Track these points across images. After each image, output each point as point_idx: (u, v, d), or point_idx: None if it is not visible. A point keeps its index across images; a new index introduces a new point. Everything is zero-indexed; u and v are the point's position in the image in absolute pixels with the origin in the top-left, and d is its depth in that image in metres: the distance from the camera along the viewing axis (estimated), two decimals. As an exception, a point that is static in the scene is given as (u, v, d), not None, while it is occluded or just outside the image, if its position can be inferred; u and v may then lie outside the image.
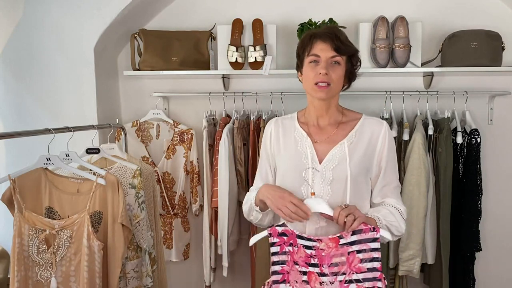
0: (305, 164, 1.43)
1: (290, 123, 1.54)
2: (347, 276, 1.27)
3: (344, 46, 1.41)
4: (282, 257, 1.32)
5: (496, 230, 2.45)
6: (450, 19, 2.39)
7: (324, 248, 1.28)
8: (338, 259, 1.28)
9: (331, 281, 1.28)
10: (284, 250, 1.31)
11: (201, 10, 2.49)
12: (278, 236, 1.32)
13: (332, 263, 1.28)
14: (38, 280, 1.58)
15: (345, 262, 1.28)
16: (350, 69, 1.46)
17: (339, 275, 1.28)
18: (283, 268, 1.31)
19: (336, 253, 1.28)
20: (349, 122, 1.49)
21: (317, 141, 1.47)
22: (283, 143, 1.51)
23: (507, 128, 2.44)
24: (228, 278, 2.41)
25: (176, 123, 2.47)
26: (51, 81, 2.28)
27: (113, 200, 1.61)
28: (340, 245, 1.28)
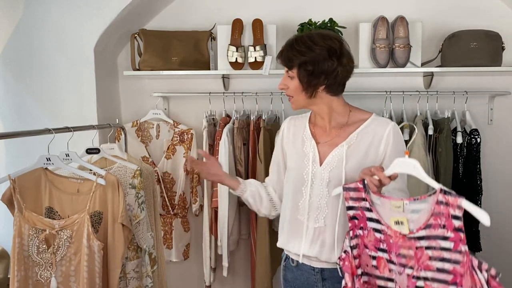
0: (306, 165, 1.47)
1: (301, 122, 1.58)
2: (415, 272, 1.18)
3: (289, 60, 1.43)
4: (354, 241, 1.29)
5: (496, 230, 2.44)
6: (450, 19, 2.39)
7: (392, 235, 1.22)
8: (406, 251, 1.19)
9: (399, 271, 1.22)
10: (355, 234, 1.29)
11: (201, 10, 2.49)
12: (350, 221, 1.30)
13: (400, 253, 1.21)
14: (38, 280, 1.58)
15: (413, 256, 1.18)
16: (302, 78, 1.42)
17: (407, 268, 1.20)
18: (357, 252, 1.28)
19: (404, 245, 1.19)
20: (354, 124, 1.48)
21: (320, 143, 1.49)
22: (293, 143, 1.55)
23: (507, 128, 2.44)
24: (228, 278, 2.41)
25: (176, 123, 2.47)
26: (51, 81, 2.28)
27: (113, 200, 1.61)
28: (407, 237, 1.18)
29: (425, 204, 1.15)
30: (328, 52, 1.39)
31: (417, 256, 1.16)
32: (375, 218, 1.25)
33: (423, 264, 1.16)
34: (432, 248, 1.14)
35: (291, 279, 1.55)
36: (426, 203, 1.15)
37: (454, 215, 1.10)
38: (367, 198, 1.26)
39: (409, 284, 1.19)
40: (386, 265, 1.24)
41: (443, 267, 1.13)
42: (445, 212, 1.11)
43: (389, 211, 1.21)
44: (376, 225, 1.25)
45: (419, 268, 1.16)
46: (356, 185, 1.28)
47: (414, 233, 1.16)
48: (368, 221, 1.27)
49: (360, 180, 1.28)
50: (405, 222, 1.17)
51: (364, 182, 1.27)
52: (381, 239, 1.24)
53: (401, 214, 1.18)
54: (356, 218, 1.29)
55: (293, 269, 1.53)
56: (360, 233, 1.29)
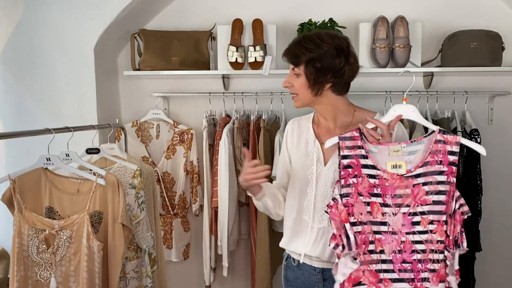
0: (310, 166, 1.47)
1: (305, 123, 1.57)
2: (411, 209, 1.24)
3: (297, 57, 1.42)
4: (346, 190, 1.28)
5: (496, 230, 2.45)
6: (450, 19, 2.39)
7: (388, 178, 1.25)
8: (402, 191, 1.24)
9: (394, 212, 1.25)
10: (348, 183, 1.28)
11: (201, 10, 2.49)
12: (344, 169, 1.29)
13: (395, 194, 1.25)
14: (37, 280, 1.58)
15: (410, 194, 1.24)
16: (309, 76, 1.42)
17: (402, 207, 1.25)
18: (347, 201, 1.28)
19: (400, 185, 1.24)
20: (358, 124, 1.47)
21: (324, 143, 1.47)
22: (297, 144, 1.55)
23: (507, 128, 2.44)
24: (228, 278, 2.41)
25: (176, 123, 2.47)
26: (51, 81, 2.28)
27: (113, 200, 1.61)
28: (404, 177, 1.24)
29: (421, 145, 1.25)
30: (336, 50, 1.40)
31: (414, 193, 1.23)
32: (371, 164, 1.27)
33: (420, 200, 1.23)
34: (428, 183, 1.23)
35: (292, 278, 1.55)
36: (422, 144, 1.25)
37: (450, 151, 1.23)
38: (363, 146, 1.28)
39: (404, 222, 1.25)
40: (380, 209, 1.27)
41: (439, 199, 1.23)
42: (442, 149, 1.23)
43: (387, 157, 1.26)
44: (371, 171, 1.27)
45: (416, 204, 1.24)
46: (352, 134, 1.30)
47: (412, 171, 1.24)
48: (363, 168, 1.28)
49: (355, 129, 1.30)
50: (403, 165, 1.25)
51: (360, 130, 1.30)
52: (375, 184, 1.27)
53: (399, 158, 1.25)
54: (350, 166, 1.29)
55: (294, 269, 1.54)
56: (354, 181, 1.28)
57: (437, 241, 1.24)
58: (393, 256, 1.26)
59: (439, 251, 1.24)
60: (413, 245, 1.25)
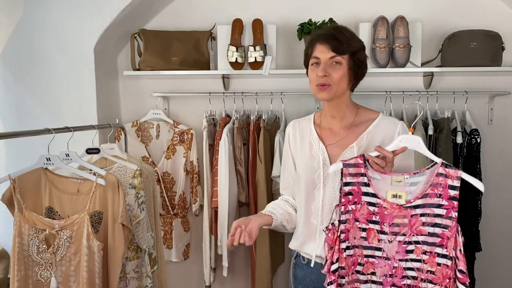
0: (317, 168, 1.44)
1: (306, 125, 1.55)
2: (407, 237, 1.26)
3: (343, 45, 1.37)
4: (345, 216, 1.29)
5: (496, 230, 2.45)
6: (450, 19, 2.39)
7: (387, 207, 1.27)
8: (400, 220, 1.27)
9: (389, 240, 1.28)
10: (347, 209, 1.29)
11: (201, 10, 2.49)
12: (344, 196, 1.29)
13: (393, 223, 1.27)
14: (38, 279, 1.58)
15: (407, 224, 1.26)
16: (353, 67, 1.40)
17: (399, 235, 1.27)
18: (345, 227, 1.29)
19: (399, 214, 1.26)
20: (361, 124, 1.47)
21: (329, 145, 1.47)
22: (300, 146, 1.53)
23: (507, 128, 2.44)
24: (228, 278, 2.41)
25: (176, 123, 2.47)
26: (51, 81, 2.28)
27: (113, 200, 1.61)
28: (403, 207, 1.26)
29: (423, 177, 1.26)
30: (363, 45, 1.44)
31: (411, 223, 1.26)
32: (372, 192, 1.28)
33: (415, 230, 1.26)
34: (426, 215, 1.25)
35: (301, 276, 1.53)
36: (424, 176, 1.26)
37: (451, 185, 1.23)
38: (366, 173, 1.28)
39: (399, 249, 1.27)
40: (376, 235, 1.29)
41: (434, 231, 1.25)
42: (443, 183, 1.24)
43: (389, 185, 1.27)
44: (372, 198, 1.29)
45: (411, 233, 1.26)
46: (356, 161, 1.30)
47: (411, 202, 1.25)
48: (364, 195, 1.29)
49: (360, 156, 1.30)
50: (403, 195, 1.26)
51: (364, 157, 1.29)
52: (374, 211, 1.28)
53: (401, 188, 1.26)
54: (351, 193, 1.30)
55: (304, 267, 1.52)
56: (353, 208, 1.30)
57: (427, 271, 1.26)
58: (384, 279, 1.29)
59: (428, 281, 1.26)
60: (404, 271, 1.28)
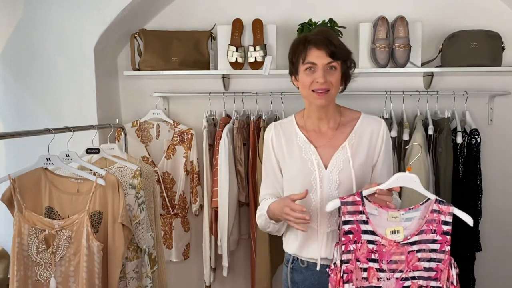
0: (312, 171, 1.43)
1: (290, 128, 1.52)
2: (404, 274, 1.30)
3: (339, 50, 1.39)
4: (346, 256, 1.30)
5: (496, 230, 2.45)
6: (450, 19, 2.39)
7: (386, 245, 1.29)
8: (397, 257, 1.30)
9: (387, 277, 1.30)
10: (348, 249, 1.30)
11: (201, 10, 2.49)
12: (344, 235, 1.30)
13: (391, 260, 1.30)
14: (37, 280, 1.58)
15: (404, 261, 1.30)
16: (345, 71, 1.45)
17: (396, 272, 1.30)
18: (347, 268, 1.30)
19: (396, 251, 1.30)
20: (347, 123, 1.49)
21: (319, 146, 1.46)
22: (287, 150, 1.50)
23: (507, 128, 2.44)
24: (228, 278, 2.41)
25: (176, 123, 2.47)
26: (51, 81, 2.28)
27: (113, 200, 1.61)
28: (401, 244, 1.29)
29: (418, 212, 1.30)
30: None
31: (408, 259, 1.30)
32: (371, 230, 1.31)
33: (412, 266, 1.29)
34: (422, 250, 1.30)
35: (300, 281, 1.51)
36: (419, 211, 1.30)
37: (444, 221, 1.29)
38: (364, 211, 1.30)
39: (396, 286, 1.31)
40: (375, 274, 1.31)
41: (429, 266, 1.30)
42: (437, 219, 1.29)
43: (385, 221, 1.31)
44: (371, 236, 1.31)
45: (408, 270, 1.30)
46: (354, 199, 1.30)
47: (408, 239, 1.29)
48: (363, 233, 1.31)
49: (357, 193, 1.30)
50: (401, 231, 1.30)
51: (362, 195, 1.30)
52: (373, 249, 1.31)
53: (397, 224, 1.30)
54: (351, 232, 1.31)
55: (302, 271, 1.50)
56: (354, 247, 1.31)
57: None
58: None
59: None
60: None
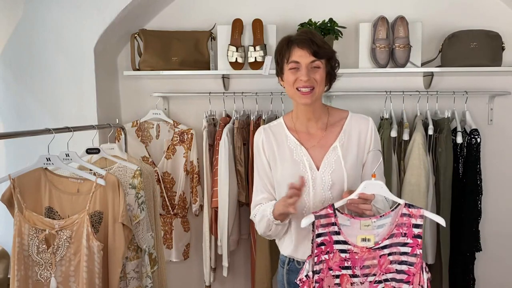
0: (304, 173, 1.43)
1: (279, 130, 1.52)
2: (377, 277, 1.32)
3: (321, 49, 1.40)
4: (318, 267, 1.32)
5: (496, 230, 2.45)
6: (450, 19, 2.39)
7: (358, 252, 1.31)
8: (370, 262, 1.32)
9: (361, 281, 1.33)
10: (320, 259, 1.32)
11: (201, 10, 2.49)
12: (317, 247, 1.32)
13: (364, 265, 1.32)
14: (38, 279, 1.58)
15: (376, 264, 1.32)
16: (330, 70, 1.45)
17: (369, 276, 1.32)
18: (319, 277, 1.32)
19: (369, 257, 1.32)
20: (336, 123, 1.49)
21: (309, 148, 1.46)
22: (278, 153, 1.49)
23: (507, 128, 2.44)
24: (228, 278, 2.41)
25: (176, 123, 2.47)
26: (51, 81, 2.28)
27: (113, 200, 1.61)
28: (373, 249, 1.31)
29: (389, 219, 1.32)
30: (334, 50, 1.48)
31: (380, 263, 1.32)
32: (342, 240, 1.32)
33: (384, 269, 1.32)
34: (393, 253, 1.32)
35: None
36: (390, 218, 1.32)
37: (415, 224, 1.31)
38: (336, 222, 1.32)
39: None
40: (349, 279, 1.33)
41: (401, 268, 1.32)
42: (407, 222, 1.31)
43: (358, 230, 1.32)
44: (343, 246, 1.33)
45: (381, 273, 1.32)
46: (327, 211, 1.32)
47: (379, 244, 1.31)
48: (335, 243, 1.32)
49: (329, 206, 1.32)
50: (372, 238, 1.32)
51: (334, 207, 1.32)
52: (346, 258, 1.32)
53: (369, 232, 1.32)
54: (323, 244, 1.32)
55: (299, 272, 1.49)
56: (326, 258, 1.32)
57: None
58: None
59: None
60: None
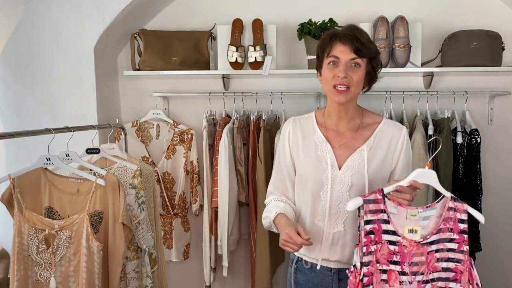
0: (325, 170, 1.41)
1: (308, 124, 1.50)
2: (424, 276, 1.26)
3: (365, 48, 1.36)
4: (367, 258, 1.26)
5: (496, 230, 2.45)
6: (450, 19, 2.39)
7: (407, 245, 1.26)
8: (418, 258, 1.26)
9: (410, 280, 1.26)
10: (369, 250, 1.26)
11: (201, 10, 2.49)
12: (366, 236, 1.26)
13: (412, 262, 1.26)
14: (37, 279, 1.58)
15: (424, 262, 1.26)
16: (370, 71, 1.41)
17: (418, 275, 1.26)
18: (368, 270, 1.26)
19: (417, 252, 1.26)
20: (368, 126, 1.46)
21: (336, 146, 1.44)
22: (303, 146, 1.48)
23: (507, 128, 2.44)
24: (228, 278, 2.41)
25: (176, 123, 2.47)
26: (51, 81, 2.28)
27: (114, 200, 1.61)
28: (421, 244, 1.26)
29: (434, 211, 1.27)
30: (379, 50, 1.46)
31: (428, 260, 1.26)
32: (392, 230, 1.26)
33: (432, 267, 1.26)
34: (440, 250, 1.26)
35: (304, 281, 1.50)
36: (435, 209, 1.27)
37: (460, 219, 1.26)
38: (385, 210, 1.26)
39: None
40: (398, 277, 1.26)
41: (448, 266, 1.26)
42: (453, 217, 1.26)
43: (404, 220, 1.26)
44: (392, 237, 1.26)
45: (429, 271, 1.26)
46: (375, 196, 1.26)
47: (428, 238, 1.26)
48: (384, 233, 1.26)
49: (378, 191, 1.27)
50: (419, 230, 1.26)
51: (383, 193, 1.26)
52: (395, 251, 1.26)
53: (416, 223, 1.27)
54: (372, 232, 1.26)
55: (306, 271, 1.49)
56: (375, 248, 1.26)
57: None
58: None
59: None
60: None
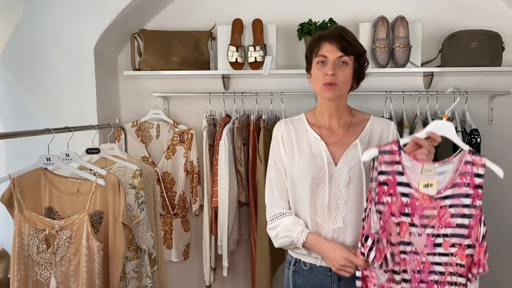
0: (321, 167, 1.43)
1: (300, 125, 1.53)
2: (435, 230, 1.25)
3: (351, 46, 1.41)
4: (379, 207, 1.25)
5: (496, 230, 2.45)
6: (450, 19, 2.39)
7: (419, 198, 1.24)
8: (430, 211, 1.24)
9: (419, 232, 1.25)
10: (382, 201, 1.25)
11: (201, 10, 2.49)
12: (379, 186, 1.25)
13: (423, 214, 1.25)
14: (38, 279, 1.58)
15: (436, 216, 1.24)
16: (357, 69, 1.46)
17: (428, 228, 1.25)
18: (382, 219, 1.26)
19: (429, 206, 1.24)
20: (358, 124, 1.51)
21: (329, 143, 1.47)
22: (297, 146, 1.50)
23: (507, 128, 2.44)
24: (228, 278, 2.41)
25: (176, 123, 2.47)
26: (51, 81, 2.28)
27: (114, 200, 1.61)
28: (434, 198, 1.24)
29: (450, 165, 1.24)
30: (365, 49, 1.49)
31: (440, 214, 1.23)
32: (406, 182, 1.25)
33: (444, 222, 1.23)
34: (455, 206, 1.23)
35: (302, 283, 1.50)
36: (452, 164, 1.24)
37: (477, 173, 1.24)
38: (400, 161, 1.25)
39: (427, 243, 1.25)
40: (408, 229, 1.26)
41: (462, 222, 1.24)
42: (470, 171, 1.24)
43: (419, 174, 1.25)
44: (405, 189, 1.25)
45: (440, 226, 1.23)
46: (391, 147, 1.26)
47: (441, 193, 1.23)
48: (398, 185, 1.25)
49: (394, 142, 1.27)
50: (434, 184, 1.23)
51: (399, 144, 1.26)
52: (407, 203, 1.25)
53: (431, 178, 1.24)
54: (386, 184, 1.25)
55: (305, 273, 1.49)
56: (388, 200, 1.25)
57: (456, 264, 1.25)
58: (412, 275, 1.26)
59: (458, 274, 1.24)
60: (431, 266, 1.25)
